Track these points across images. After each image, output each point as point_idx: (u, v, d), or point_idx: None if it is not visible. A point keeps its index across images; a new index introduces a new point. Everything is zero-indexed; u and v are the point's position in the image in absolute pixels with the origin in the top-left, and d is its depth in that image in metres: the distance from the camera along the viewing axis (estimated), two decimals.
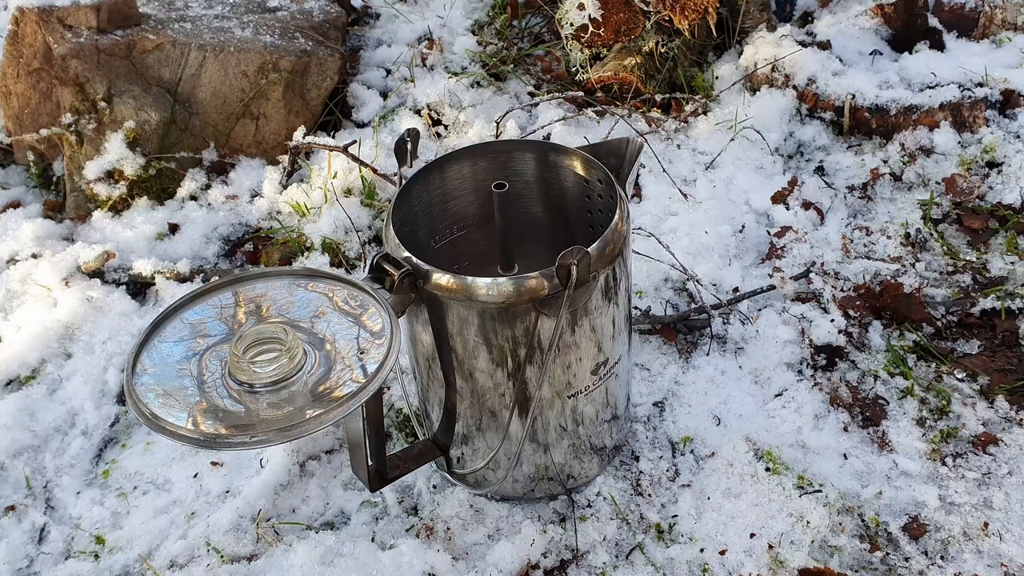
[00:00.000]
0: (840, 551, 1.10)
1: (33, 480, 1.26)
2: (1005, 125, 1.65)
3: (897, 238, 1.51)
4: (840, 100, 1.70)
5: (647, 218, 1.57)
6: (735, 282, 1.46)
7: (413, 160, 1.11)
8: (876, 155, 1.66)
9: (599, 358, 1.05)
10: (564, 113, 1.79)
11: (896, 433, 1.23)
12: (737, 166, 1.67)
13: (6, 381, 1.40)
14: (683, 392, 1.30)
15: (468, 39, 2.04)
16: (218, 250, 1.62)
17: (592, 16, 1.78)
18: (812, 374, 1.31)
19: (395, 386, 1.32)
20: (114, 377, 1.37)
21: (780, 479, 1.17)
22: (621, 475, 1.20)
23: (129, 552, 1.16)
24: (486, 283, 0.95)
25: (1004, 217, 1.52)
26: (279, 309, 0.94)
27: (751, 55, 1.82)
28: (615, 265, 1.00)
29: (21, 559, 1.17)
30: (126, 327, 1.45)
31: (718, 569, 1.09)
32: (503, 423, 1.06)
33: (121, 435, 1.32)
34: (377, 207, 1.64)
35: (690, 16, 1.75)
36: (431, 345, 1.03)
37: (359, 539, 1.14)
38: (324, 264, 1.55)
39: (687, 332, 1.39)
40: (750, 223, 1.56)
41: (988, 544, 1.10)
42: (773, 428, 1.24)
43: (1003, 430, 1.22)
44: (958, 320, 1.37)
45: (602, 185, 1.09)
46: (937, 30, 1.84)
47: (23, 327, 1.46)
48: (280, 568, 1.11)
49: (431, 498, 1.18)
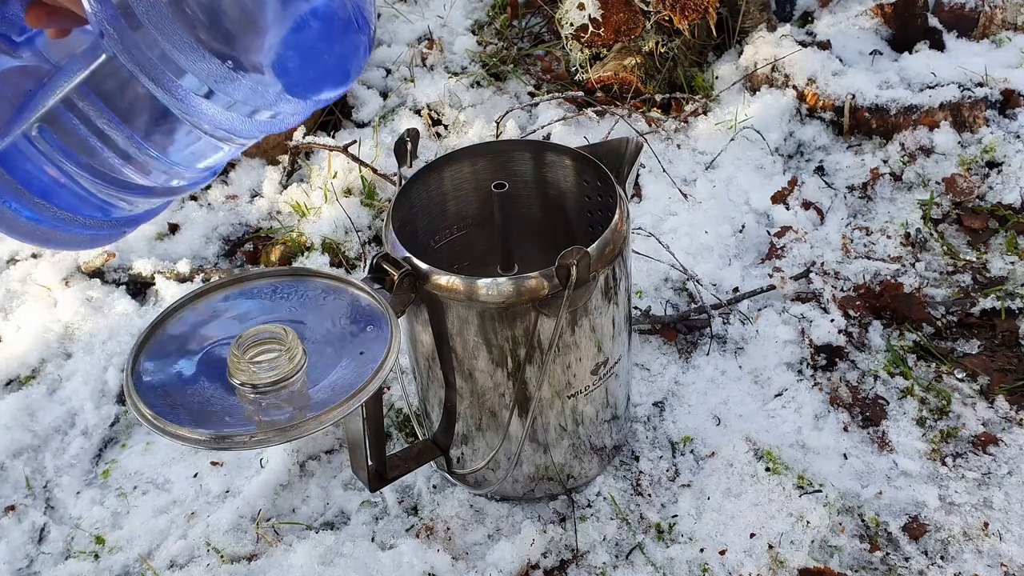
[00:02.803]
0: (840, 551, 1.10)
1: (33, 480, 1.26)
2: (1005, 125, 1.65)
3: (897, 238, 1.51)
4: (840, 100, 1.70)
5: (647, 218, 1.57)
6: (735, 282, 1.46)
7: (413, 160, 1.11)
8: (876, 155, 1.66)
9: (599, 358, 1.05)
10: (564, 113, 1.79)
11: (896, 433, 1.23)
12: (737, 166, 1.67)
13: (6, 381, 1.40)
14: (683, 392, 1.30)
15: (468, 39, 2.04)
16: (218, 250, 1.62)
17: (592, 16, 1.78)
18: (812, 374, 1.31)
19: (395, 386, 1.32)
20: (114, 377, 1.37)
21: (780, 479, 1.17)
22: (621, 475, 1.20)
23: (129, 552, 1.16)
24: (486, 283, 0.95)
25: (1004, 217, 1.52)
26: (279, 309, 0.94)
27: (751, 55, 1.82)
28: (615, 265, 1.00)
29: (21, 559, 1.17)
30: (126, 327, 1.45)
31: (718, 569, 1.09)
32: (503, 423, 1.06)
33: (121, 435, 1.32)
34: (377, 207, 1.64)
35: (690, 16, 1.75)
36: (431, 345, 1.03)
37: (359, 539, 1.14)
38: (324, 264, 1.55)
39: (687, 332, 1.39)
40: (750, 223, 1.56)
41: (988, 544, 1.10)
42: (773, 428, 1.24)
43: (1003, 430, 1.22)
44: (958, 320, 1.37)
45: (602, 185, 1.09)
46: (937, 30, 1.84)
47: (23, 327, 1.46)
48: (280, 568, 1.11)
49: (431, 498, 1.18)
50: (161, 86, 0.66)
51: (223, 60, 0.66)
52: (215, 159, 0.77)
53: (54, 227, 0.75)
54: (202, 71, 0.65)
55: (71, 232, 0.76)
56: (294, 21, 0.68)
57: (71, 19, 0.68)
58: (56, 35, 0.70)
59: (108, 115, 0.70)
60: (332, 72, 0.72)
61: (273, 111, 0.71)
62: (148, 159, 0.73)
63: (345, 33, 0.71)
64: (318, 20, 0.69)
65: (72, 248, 0.78)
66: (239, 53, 0.66)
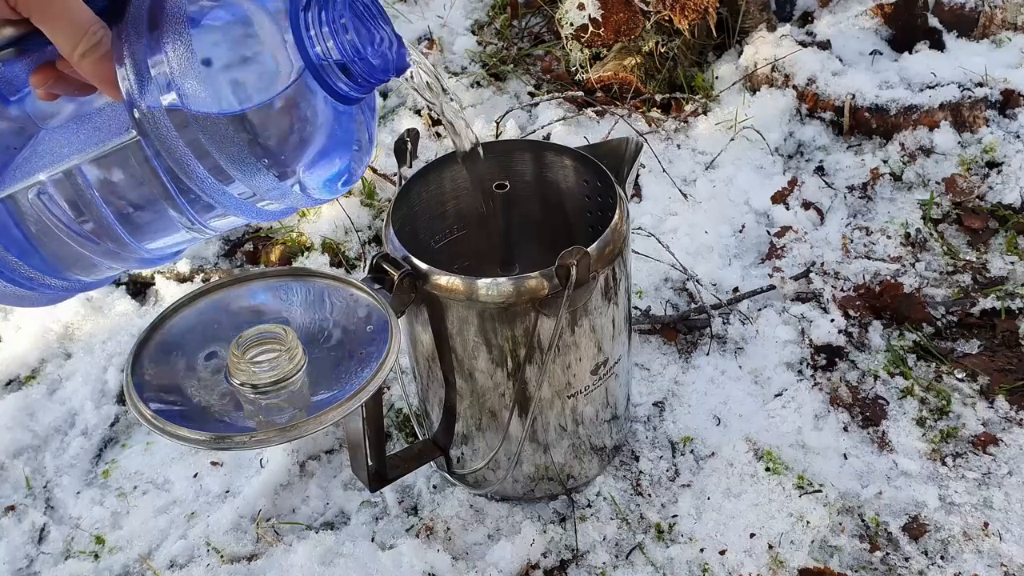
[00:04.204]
0: (840, 551, 1.10)
1: (33, 480, 1.26)
2: (1005, 125, 1.65)
3: (897, 238, 1.51)
4: (840, 100, 1.70)
5: (647, 218, 1.57)
6: (735, 282, 1.46)
7: (413, 160, 1.11)
8: (876, 155, 1.66)
9: (599, 358, 1.05)
10: (564, 113, 1.79)
11: (896, 433, 1.23)
12: (737, 166, 1.67)
13: (6, 381, 1.40)
14: (683, 392, 1.30)
15: (468, 39, 2.04)
16: (218, 250, 1.62)
17: (592, 16, 1.78)
18: (812, 374, 1.31)
19: (395, 386, 1.32)
20: (114, 377, 1.37)
21: (780, 479, 1.17)
22: (621, 475, 1.20)
23: (129, 552, 1.16)
24: (486, 283, 0.95)
25: (1004, 217, 1.52)
26: (279, 309, 0.94)
27: (751, 55, 1.82)
28: (615, 265, 1.00)
29: (21, 559, 1.17)
30: (126, 327, 1.45)
31: (718, 569, 1.09)
32: (503, 423, 1.06)
33: (121, 435, 1.32)
34: (377, 207, 1.64)
35: (690, 16, 1.75)
36: (431, 345, 1.03)
37: (359, 539, 1.14)
38: (324, 264, 1.55)
39: (687, 332, 1.39)
40: (750, 223, 1.56)
41: (988, 544, 1.10)
42: (773, 428, 1.24)
43: (1003, 430, 1.22)
44: (958, 320, 1.37)
45: (602, 185, 1.09)
46: (937, 30, 1.84)
47: (23, 327, 1.46)
48: (280, 568, 1.11)
49: (431, 498, 1.18)
50: (190, 176, 0.65)
51: (269, 169, 0.66)
52: (182, 245, 0.77)
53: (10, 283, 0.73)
54: (252, 182, 0.66)
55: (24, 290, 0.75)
56: (328, 136, 0.71)
57: (83, 90, 0.66)
58: (47, 97, 0.67)
59: (95, 196, 0.69)
60: (344, 184, 0.75)
61: (286, 206, 0.72)
62: (122, 242, 0.72)
63: (362, 153, 0.76)
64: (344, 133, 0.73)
65: (15, 304, 0.77)
66: (285, 164, 0.68)
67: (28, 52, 0.66)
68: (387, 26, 0.72)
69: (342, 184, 0.74)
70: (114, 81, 0.63)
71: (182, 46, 0.62)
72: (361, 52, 0.67)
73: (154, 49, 0.62)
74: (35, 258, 0.73)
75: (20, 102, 0.70)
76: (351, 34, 0.67)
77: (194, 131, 0.63)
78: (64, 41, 0.62)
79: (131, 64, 0.62)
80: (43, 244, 0.72)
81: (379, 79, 0.70)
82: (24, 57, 0.66)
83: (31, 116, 0.70)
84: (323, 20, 0.66)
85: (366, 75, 0.69)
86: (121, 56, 0.62)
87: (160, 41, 0.62)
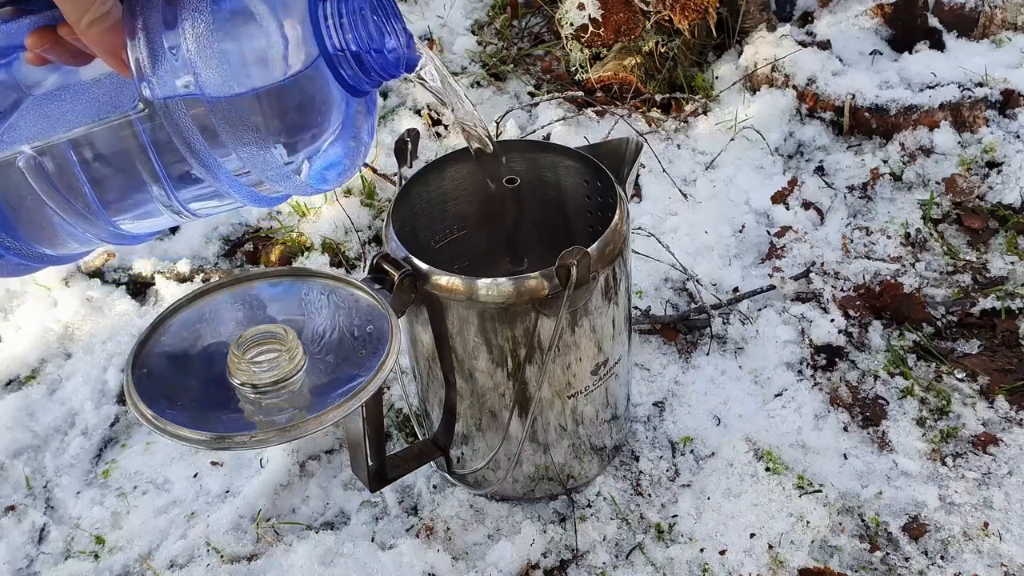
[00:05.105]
0: (840, 551, 1.10)
1: (33, 480, 1.26)
2: (1005, 125, 1.65)
3: (897, 238, 1.51)
4: (840, 100, 1.70)
5: (647, 218, 1.57)
6: (735, 282, 1.46)
7: (413, 160, 1.11)
8: (876, 155, 1.66)
9: (599, 358, 1.05)
10: (564, 113, 1.79)
11: (896, 433, 1.23)
12: (737, 166, 1.67)
13: (6, 381, 1.40)
14: (683, 392, 1.30)
15: (468, 39, 2.04)
16: (218, 250, 1.62)
17: (592, 16, 1.78)
18: (812, 374, 1.31)
19: (395, 386, 1.32)
20: (114, 377, 1.37)
21: (780, 479, 1.17)
22: (621, 475, 1.20)
23: (129, 552, 1.16)
24: (486, 283, 0.95)
25: (1004, 217, 1.52)
26: (279, 309, 0.94)
27: (751, 55, 1.83)
28: (615, 265, 1.00)
29: (21, 559, 1.17)
30: (126, 327, 1.45)
31: (718, 569, 1.09)
32: (503, 423, 1.06)
33: (121, 435, 1.32)
34: (377, 207, 1.64)
35: (690, 16, 1.75)
36: (431, 345, 1.03)
37: (359, 539, 1.14)
38: (324, 264, 1.55)
39: (687, 332, 1.39)
40: (750, 223, 1.56)
41: (988, 544, 1.10)
42: (773, 428, 1.24)
43: (1003, 430, 1.22)
44: (958, 320, 1.37)
45: (602, 185, 1.09)
46: (937, 30, 1.84)
47: (23, 327, 1.46)
48: (280, 568, 1.11)
49: (431, 498, 1.18)
50: (198, 159, 0.65)
51: (274, 148, 0.66)
52: (161, 227, 0.76)
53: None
54: (256, 162, 0.65)
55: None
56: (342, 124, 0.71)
57: (78, 59, 0.64)
58: (36, 61, 0.64)
59: (78, 171, 0.67)
60: (340, 175, 0.75)
61: (282, 192, 0.72)
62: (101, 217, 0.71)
63: (360, 147, 0.77)
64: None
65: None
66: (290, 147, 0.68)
67: (27, 13, 0.64)
68: (399, 23, 0.72)
69: (338, 175, 0.74)
70: (120, 54, 0.61)
71: (202, 23, 0.60)
72: (377, 44, 0.67)
73: (170, 24, 0.61)
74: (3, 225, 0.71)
75: (8, 66, 0.68)
76: (370, 26, 0.67)
77: (207, 110, 0.62)
78: (72, 8, 0.60)
79: (144, 38, 0.61)
80: (15, 213, 0.70)
81: (391, 73, 0.71)
82: (22, 17, 0.65)
83: (18, 81, 0.68)
84: (341, 11, 0.66)
85: (379, 68, 0.69)
86: (134, 29, 0.61)
87: (178, 17, 0.60)
